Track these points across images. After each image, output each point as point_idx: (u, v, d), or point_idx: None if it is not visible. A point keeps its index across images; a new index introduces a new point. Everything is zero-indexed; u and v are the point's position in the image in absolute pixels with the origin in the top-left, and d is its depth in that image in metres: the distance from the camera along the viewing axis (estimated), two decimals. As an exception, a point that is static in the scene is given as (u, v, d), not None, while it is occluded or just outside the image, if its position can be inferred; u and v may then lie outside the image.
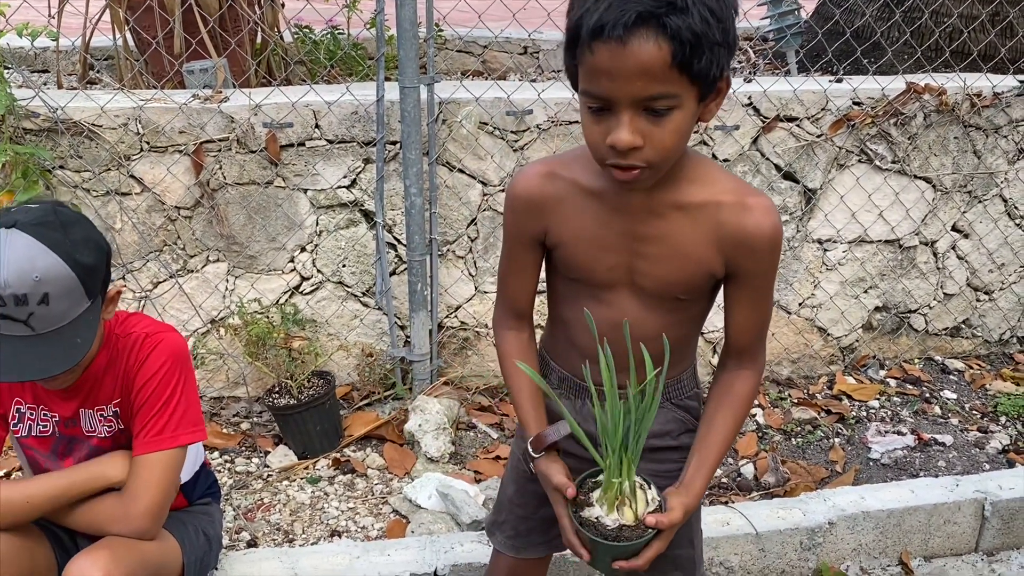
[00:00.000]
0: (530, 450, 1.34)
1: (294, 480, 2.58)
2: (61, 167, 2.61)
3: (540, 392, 1.39)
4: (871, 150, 3.06)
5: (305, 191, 2.77)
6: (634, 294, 1.31)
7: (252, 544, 2.29)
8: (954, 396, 3.18)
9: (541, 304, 1.47)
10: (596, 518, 1.20)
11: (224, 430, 2.82)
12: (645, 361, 1.19)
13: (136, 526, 1.62)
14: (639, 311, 1.31)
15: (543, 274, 1.43)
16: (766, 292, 1.32)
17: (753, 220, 1.22)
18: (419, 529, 2.30)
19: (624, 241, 1.27)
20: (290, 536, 2.34)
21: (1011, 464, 2.73)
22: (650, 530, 1.20)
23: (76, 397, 1.66)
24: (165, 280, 2.80)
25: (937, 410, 3.07)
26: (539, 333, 1.51)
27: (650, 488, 1.23)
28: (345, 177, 2.76)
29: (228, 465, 2.65)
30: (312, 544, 2.29)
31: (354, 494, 2.52)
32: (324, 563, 2.06)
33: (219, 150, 2.68)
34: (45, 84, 3.56)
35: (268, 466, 2.64)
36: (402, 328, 2.96)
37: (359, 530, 2.37)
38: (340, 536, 2.34)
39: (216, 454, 2.70)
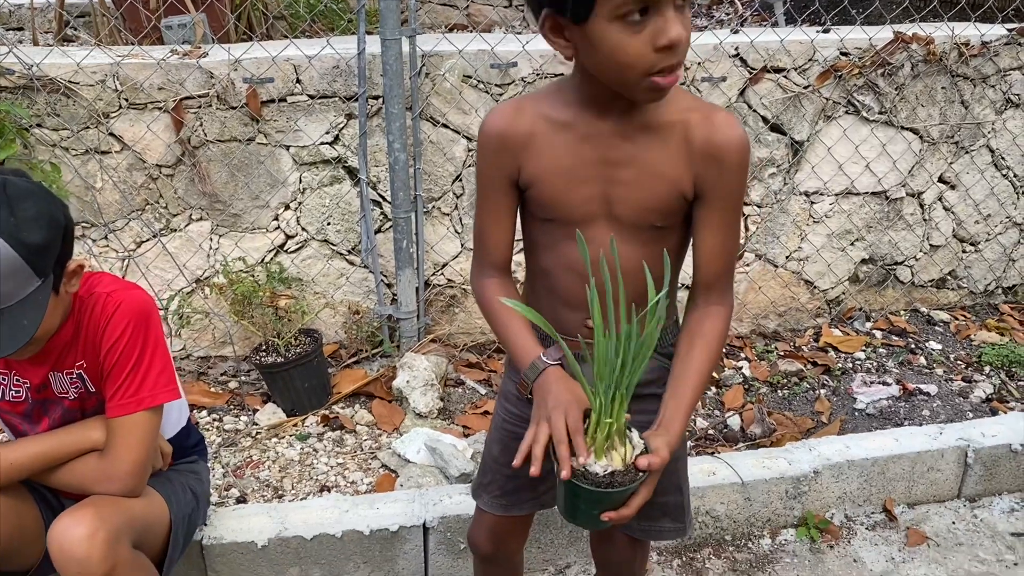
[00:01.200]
0: (543, 359, 1.29)
1: (283, 437, 2.59)
2: (38, 125, 2.57)
3: (529, 324, 1.36)
4: (858, 101, 3.04)
5: (287, 148, 2.74)
6: (611, 226, 1.29)
7: (241, 501, 2.30)
8: (939, 347, 3.20)
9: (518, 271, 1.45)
10: (584, 467, 1.16)
11: (212, 389, 2.82)
12: (646, 287, 1.16)
13: (119, 485, 1.62)
14: (617, 244, 1.29)
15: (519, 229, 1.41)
16: (734, 216, 1.31)
17: (721, 132, 1.23)
18: (408, 483, 2.31)
19: (597, 169, 1.26)
20: (279, 492, 2.35)
21: (994, 412, 2.75)
22: (641, 474, 1.17)
23: (46, 363, 1.64)
24: (148, 240, 2.78)
25: (922, 361, 3.09)
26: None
27: (632, 432, 1.22)
28: (327, 133, 2.73)
29: (216, 423, 2.66)
30: (301, 500, 2.30)
31: (343, 450, 2.53)
32: (313, 517, 2.07)
33: (199, 107, 2.64)
34: (20, 42, 3.49)
35: (256, 424, 2.64)
36: (388, 286, 2.95)
37: (348, 485, 2.38)
38: (329, 491, 2.35)
39: (204, 413, 2.70)
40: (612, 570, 1.63)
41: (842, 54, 2.97)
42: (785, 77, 2.96)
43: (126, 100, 2.60)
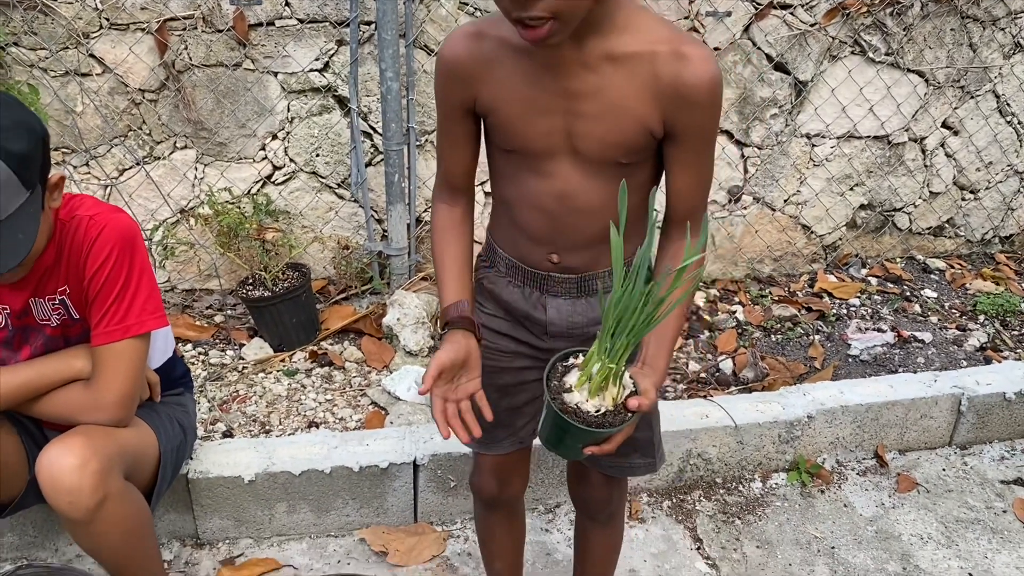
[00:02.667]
0: (459, 310, 1.29)
1: (270, 372, 2.54)
2: (15, 44, 2.45)
3: (469, 266, 1.35)
4: (865, 41, 2.96)
5: (275, 75, 2.63)
6: (574, 162, 1.23)
7: (228, 435, 2.27)
8: (934, 295, 3.17)
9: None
10: (577, 404, 1.15)
11: (197, 322, 2.76)
12: (610, 237, 1.12)
13: (107, 415, 1.57)
14: (581, 180, 1.24)
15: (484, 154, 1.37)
16: (707, 151, 1.25)
17: (691, 70, 1.14)
18: (398, 420, 2.28)
19: (558, 100, 1.19)
20: (266, 427, 2.31)
21: (988, 361, 2.74)
22: (630, 415, 1.16)
23: (26, 288, 1.58)
24: (131, 167, 2.69)
25: (917, 308, 3.07)
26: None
27: (624, 372, 1.19)
28: (317, 60, 2.63)
29: (202, 357, 2.61)
30: (289, 435, 2.27)
31: (332, 386, 2.49)
32: (301, 453, 2.04)
33: (184, 29, 2.53)
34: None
35: (243, 358, 2.59)
36: (379, 221, 2.88)
37: (337, 421, 2.35)
38: (318, 427, 2.32)
39: (189, 346, 2.65)
40: (591, 509, 1.62)
41: (851, -9, 2.88)
42: (792, 14, 2.86)
43: (107, 20, 2.48)
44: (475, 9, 2.65)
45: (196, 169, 2.73)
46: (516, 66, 1.20)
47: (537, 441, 1.57)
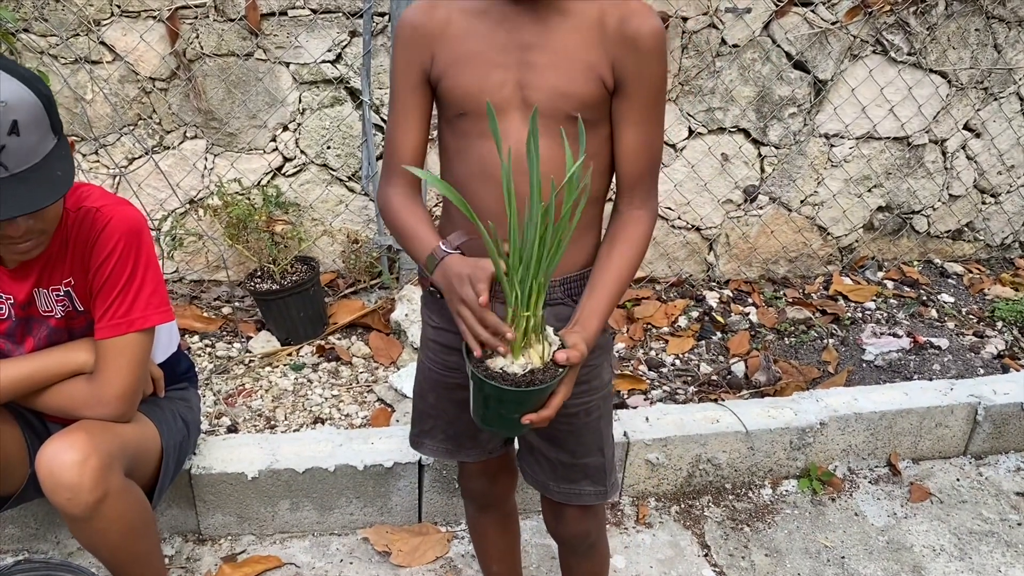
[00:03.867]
0: (442, 248, 1.22)
1: (277, 366, 2.52)
2: (25, 31, 2.44)
3: (431, 221, 1.30)
4: (887, 40, 2.90)
5: (287, 65, 2.60)
6: (526, 116, 1.22)
7: (232, 430, 2.25)
8: (951, 300, 3.12)
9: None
10: (501, 368, 1.11)
11: (204, 314, 2.74)
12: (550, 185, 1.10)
13: (109, 410, 1.55)
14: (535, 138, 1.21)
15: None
16: (655, 111, 1.27)
17: (636, 20, 1.20)
18: (404, 418, 2.26)
19: (510, 54, 1.22)
20: (272, 422, 2.29)
21: (1006, 369, 2.69)
22: (560, 370, 1.13)
23: (30, 277, 1.56)
24: (140, 156, 2.66)
25: (934, 313, 3.02)
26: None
27: (548, 329, 1.15)
28: (330, 51, 2.60)
29: (209, 350, 2.59)
30: (294, 431, 2.25)
31: (338, 382, 2.47)
32: (306, 450, 2.01)
33: (196, 17, 2.50)
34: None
35: (250, 351, 2.57)
36: (389, 214, 2.85)
37: (343, 418, 2.32)
38: (323, 423, 2.29)
39: (196, 338, 2.63)
40: (571, 544, 1.58)
41: (874, -11, 2.82)
42: (813, 11, 2.81)
43: (118, 7, 2.46)
44: (490, 2, 2.61)
45: (206, 159, 2.70)
46: (471, 26, 1.25)
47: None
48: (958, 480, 2.34)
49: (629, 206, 1.29)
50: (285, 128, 2.70)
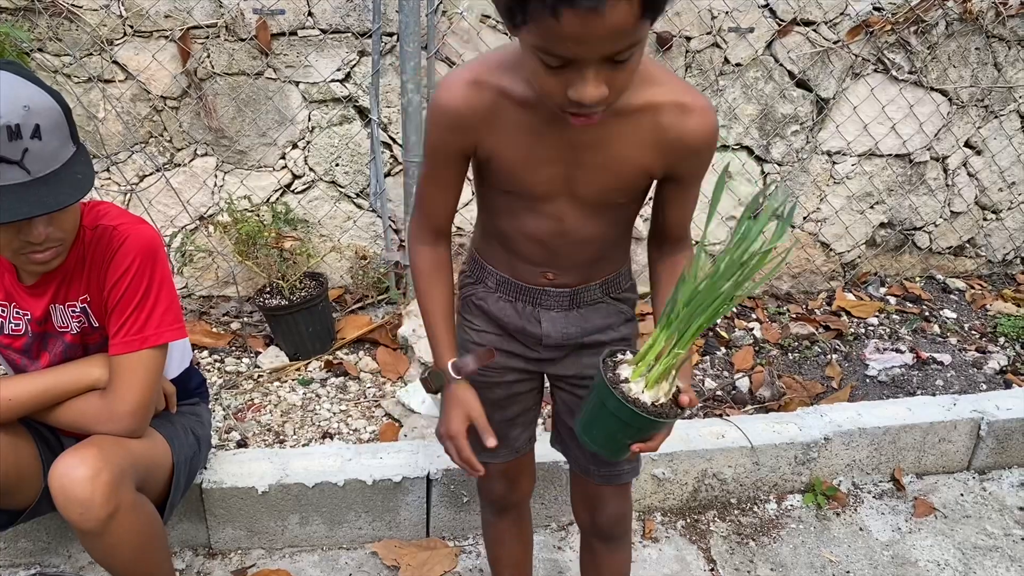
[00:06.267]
0: (451, 372, 1.35)
1: (285, 381, 2.54)
2: (39, 50, 2.47)
3: (452, 314, 1.38)
4: (888, 59, 2.94)
5: (297, 84, 2.64)
6: (572, 203, 1.25)
7: (242, 444, 2.27)
8: (954, 315, 3.14)
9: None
10: (635, 396, 1.16)
11: (214, 329, 2.77)
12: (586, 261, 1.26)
13: (122, 425, 1.57)
14: (578, 219, 1.27)
15: (470, 186, 1.38)
16: (698, 186, 1.31)
17: (693, 123, 1.18)
18: (412, 433, 2.28)
19: (560, 152, 1.20)
20: (281, 437, 2.31)
21: (1008, 385, 2.71)
22: (681, 411, 1.18)
23: (46, 293, 1.59)
24: (151, 174, 2.70)
25: (936, 329, 3.04)
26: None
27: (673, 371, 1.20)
28: (339, 70, 2.64)
29: (218, 365, 2.61)
30: (303, 446, 2.27)
31: (346, 397, 2.49)
32: (315, 465, 2.03)
33: (207, 37, 2.54)
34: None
35: (259, 367, 2.60)
36: (396, 232, 2.88)
37: (351, 433, 2.34)
38: (332, 438, 2.32)
39: (205, 353, 2.66)
40: (605, 528, 1.60)
41: (875, 9, 2.86)
42: (815, 31, 2.85)
43: (131, 27, 2.50)
44: (497, 22, 2.65)
45: (216, 176, 2.74)
46: (518, 118, 1.18)
47: (551, 456, 1.58)
48: (962, 495, 2.35)
49: (675, 250, 1.36)
50: (294, 146, 2.73)
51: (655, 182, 1.29)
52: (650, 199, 1.34)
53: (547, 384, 1.55)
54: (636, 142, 1.19)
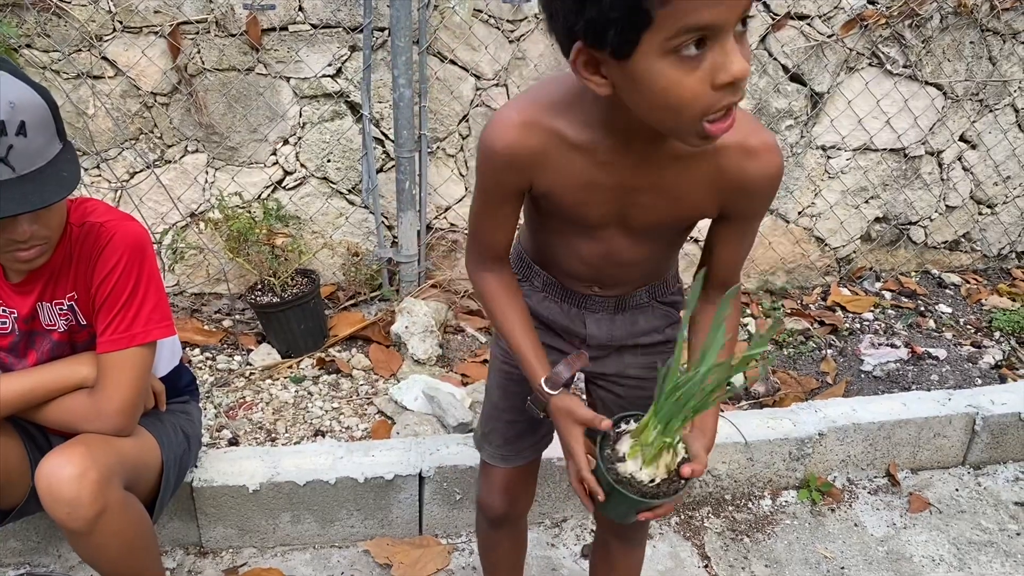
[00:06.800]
0: (545, 388, 1.27)
1: (277, 379, 2.53)
2: (28, 46, 2.45)
3: (534, 331, 1.32)
4: (883, 53, 2.92)
5: (288, 80, 2.62)
6: (624, 232, 1.23)
7: (233, 442, 2.25)
8: (949, 310, 3.14)
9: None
10: (631, 475, 1.15)
11: (205, 327, 2.75)
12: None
13: (110, 424, 1.56)
14: (629, 245, 1.25)
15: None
16: (754, 228, 1.26)
17: (756, 165, 1.12)
18: (404, 431, 2.26)
19: (614, 192, 1.16)
20: (272, 435, 2.30)
21: (1003, 379, 2.70)
22: (683, 481, 1.16)
23: (34, 291, 1.57)
24: (142, 170, 2.68)
25: (931, 324, 3.03)
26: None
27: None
28: (330, 65, 2.62)
29: (209, 362, 2.60)
30: (295, 444, 2.25)
31: (339, 394, 2.48)
32: (307, 463, 2.02)
33: (197, 32, 2.52)
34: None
35: (251, 364, 2.58)
36: (389, 228, 2.87)
37: (343, 430, 2.33)
38: (324, 436, 2.30)
39: (197, 351, 2.64)
40: (628, 534, 1.60)
41: (869, 2, 2.84)
42: (809, 25, 2.83)
43: (120, 23, 2.48)
44: (489, 17, 2.63)
45: (207, 173, 2.72)
46: (573, 160, 1.14)
47: (546, 453, 1.57)
48: (957, 490, 2.35)
49: (718, 296, 1.27)
50: (286, 142, 2.71)
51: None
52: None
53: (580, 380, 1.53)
54: (694, 185, 1.14)
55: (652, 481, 1.15)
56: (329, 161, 2.76)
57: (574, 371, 1.29)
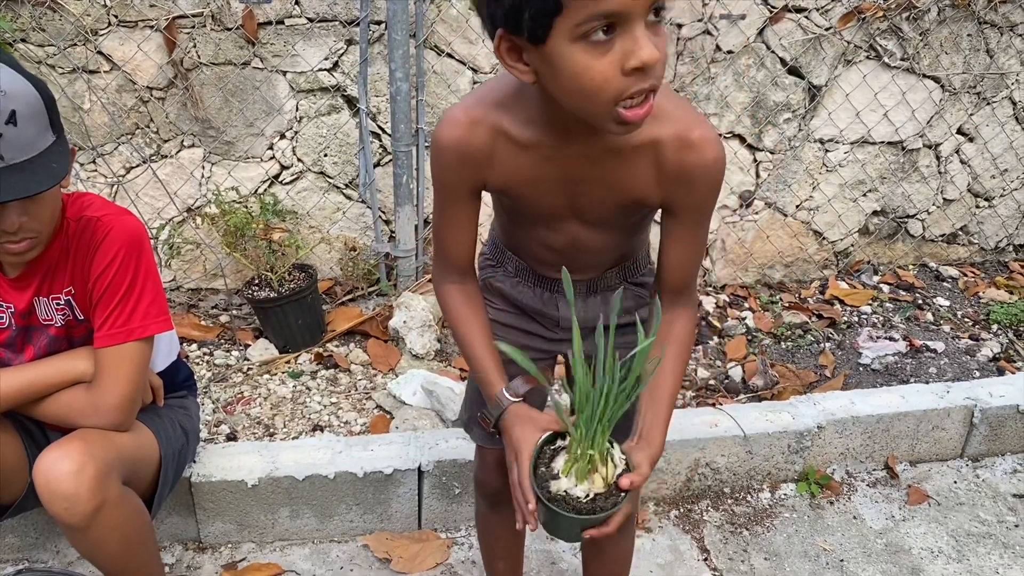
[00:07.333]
0: (507, 395, 1.27)
1: (275, 374, 2.52)
2: (23, 40, 2.44)
3: (493, 343, 1.32)
4: (880, 46, 2.92)
5: (284, 74, 2.61)
6: (581, 223, 1.27)
7: (232, 438, 2.25)
8: (947, 303, 3.14)
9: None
10: (565, 491, 1.13)
11: (202, 322, 2.75)
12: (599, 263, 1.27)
13: (108, 419, 1.55)
14: (589, 234, 1.28)
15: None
16: (702, 229, 1.26)
17: (695, 157, 1.14)
18: (403, 425, 2.26)
19: (562, 185, 1.20)
20: (271, 430, 2.29)
21: (1001, 372, 2.71)
22: (623, 494, 1.14)
23: (30, 286, 1.57)
24: (138, 165, 2.67)
25: (929, 317, 3.03)
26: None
27: (614, 448, 1.16)
28: (326, 59, 2.61)
29: (207, 358, 2.59)
30: (293, 438, 2.25)
31: (337, 389, 2.47)
32: (305, 457, 2.01)
33: (193, 27, 2.51)
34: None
35: (248, 359, 2.58)
36: (387, 222, 2.86)
37: (342, 425, 2.33)
38: (322, 431, 2.30)
39: (194, 346, 2.64)
40: (607, 550, 1.59)
41: (867, -5, 2.84)
42: (806, 17, 2.83)
43: (116, 17, 2.47)
44: (486, 10, 2.62)
45: (203, 168, 2.71)
46: (517, 156, 1.18)
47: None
48: (955, 482, 2.35)
49: (673, 305, 1.29)
50: (282, 136, 2.71)
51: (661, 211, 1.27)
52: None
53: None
54: (636, 177, 1.17)
55: (587, 496, 1.12)
56: (326, 155, 2.75)
57: (530, 387, 1.29)
